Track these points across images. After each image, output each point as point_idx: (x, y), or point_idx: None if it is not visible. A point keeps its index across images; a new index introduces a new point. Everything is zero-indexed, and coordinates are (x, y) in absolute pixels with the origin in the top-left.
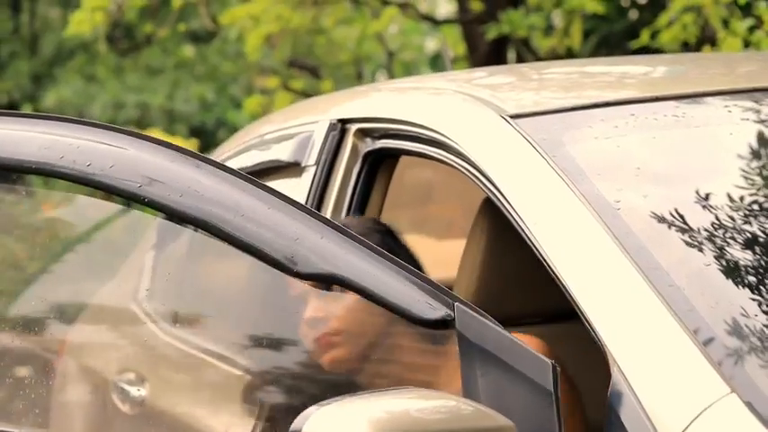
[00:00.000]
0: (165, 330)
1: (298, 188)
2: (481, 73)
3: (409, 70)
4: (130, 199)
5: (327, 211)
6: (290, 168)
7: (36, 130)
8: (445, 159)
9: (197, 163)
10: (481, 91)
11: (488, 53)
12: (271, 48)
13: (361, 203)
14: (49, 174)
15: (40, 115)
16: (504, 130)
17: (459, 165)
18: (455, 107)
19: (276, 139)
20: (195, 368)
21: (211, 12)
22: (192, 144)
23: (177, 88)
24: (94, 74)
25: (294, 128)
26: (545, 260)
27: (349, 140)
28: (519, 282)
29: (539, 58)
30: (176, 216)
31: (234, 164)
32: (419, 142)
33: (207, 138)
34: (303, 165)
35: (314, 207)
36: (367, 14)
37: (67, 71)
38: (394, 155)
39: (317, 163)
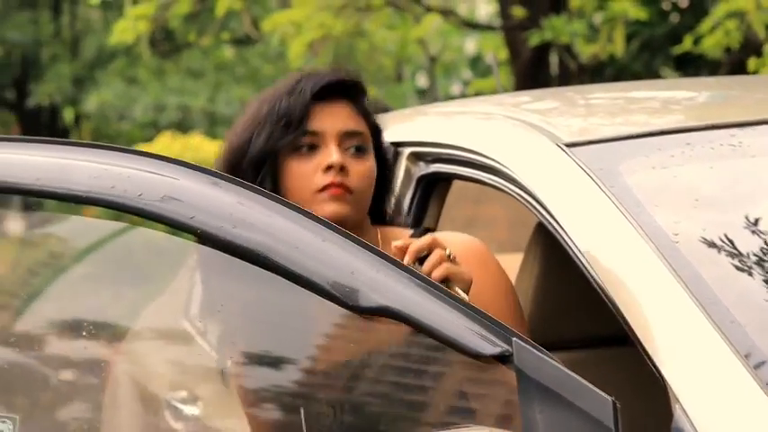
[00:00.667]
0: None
1: None
2: (526, 97)
3: (449, 72)
4: (183, 230)
5: None
6: None
7: (85, 159)
8: (498, 185)
9: (250, 195)
10: (531, 116)
11: (531, 58)
12: (313, 53)
13: (414, 226)
14: (98, 203)
15: (90, 144)
16: (560, 159)
17: (513, 191)
18: (507, 133)
19: None
20: None
21: (253, 15)
22: None
23: (218, 90)
24: (136, 76)
25: None
26: (604, 292)
27: (402, 164)
28: (572, 306)
29: (581, 64)
30: (229, 248)
31: None
32: (471, 167)
33: None
34: None
35: None
36: (409, 20)
37: (109, 74)
38: (446, 179)
39: None
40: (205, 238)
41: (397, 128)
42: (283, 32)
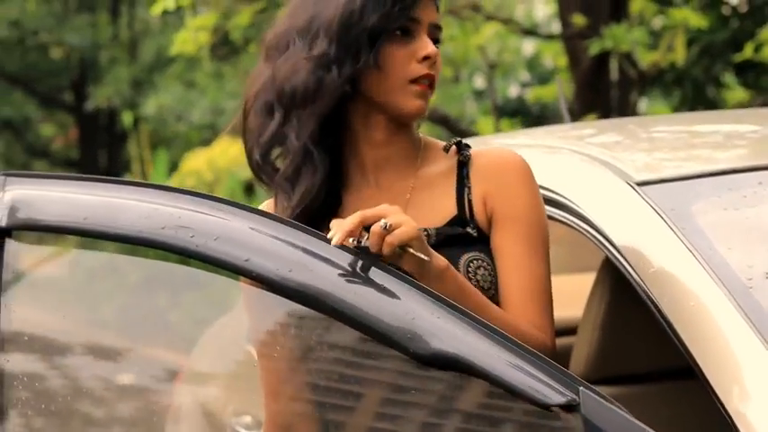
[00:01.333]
0: None
1: None
2: (590, 129)
3: (507, 73)
4: (237, 273)
5: None
6: None
7: (135, 198)
8: (566, 221)
9: (307, 237)
10: (597, 151)
11: (590, 66)
12: None
13: None
14: (148, 244)
15: (139, 183)
16: (631, 198)
17: (581, 227)
18: (575, 169)
19: None
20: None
21: None
22: None
23: None
24: (194, 80)
25: None
26: (672, 331)
27: None
28: (639, 341)
29: (641, 72)
30: (285, 292)
31: None
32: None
33: None
34: None
35: None
36: (469, 28)
37: (167, 77)
38: None
39: None
40: (261, 282)
41: None
42: None
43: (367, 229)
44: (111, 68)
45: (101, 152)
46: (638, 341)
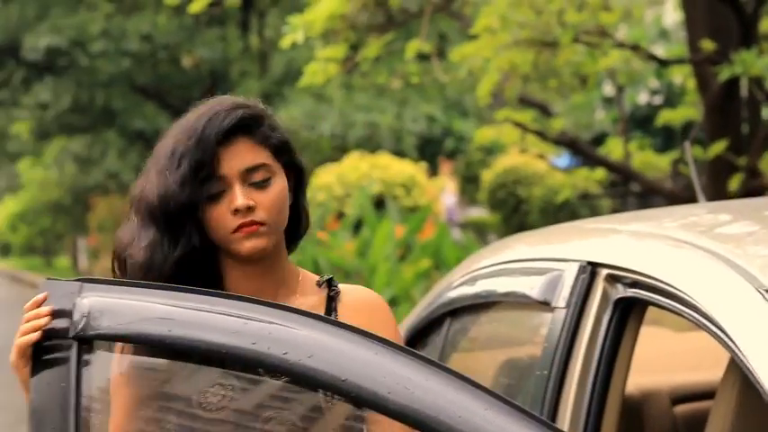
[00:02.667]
0: None
1: (549, 329)
2: (723, 215)
3: (635, 80)
4: (333, 392)
5: (579, 358)
6: (540, 306)
7: (221, 311)
8: (692, 319)
9: (404, 359)
10: (724, 248)
11: (720, 91)
12: (500, 88)
13: (611, 351)
14: (238, 361)
15: (226, 294)
16: (758, 304)
17: (709, 327)
18: (701, 269)
19: (524, 272)
20: None
21: (439, 48)
22: (420, 167)
23: (405, 107)
24: (324, 92)
25: (543, 263)
26: None
27: (599, 285)
28: None
29: None
30: (383, 412)
31: (477, 288)
32: (668, 297)
33: (433, 147)
34: (553, 305)
35: (564, 352)
36: (596, 55)
37: (297, 90)
38: (643, 303)
39: (568, 306)
40: (357, 402)
41: (595, 247)
42: (471, 64)
43: None
44: (241, 81)
45: None
46: None
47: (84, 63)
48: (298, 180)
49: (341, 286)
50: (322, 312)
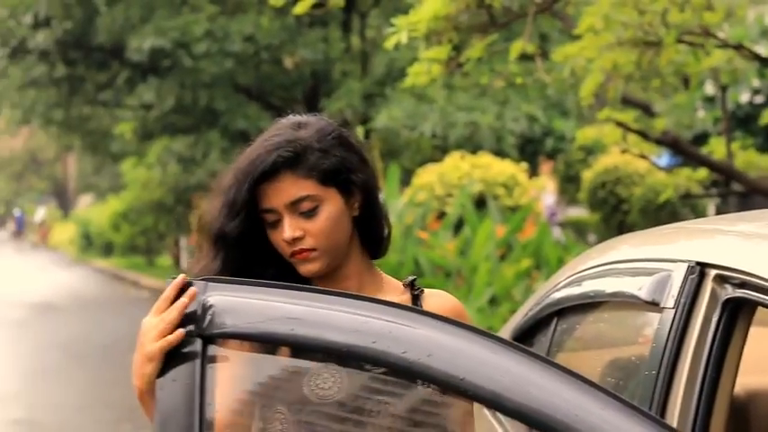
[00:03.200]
0: None
1: (657, 330)
2: None
3: (738, 78)
4: (451, 390)
5: (687, 359)
6: (648, 307)
7: (341, 309)
8: None
9: (521, 358)
10: None
11: None
12: (602, 89)
13: (720, 351)
14: (359, 359)
15: (346, 294)
16: None
17: None
18: None
19: (631, 272)
20: None
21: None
22: (521, 167)
23: (506, 107)
24: (425, 93)
25: (651, 263)
26: None
27: (708, 285)
28: None
29: None
30: (500, 410)
31: (584, 288)
32: None
33: (534, 146)
34: (662, 306)
35: (673, 352)
36: (699, 55)
37: (398, 90)
38: (752, 304)
39: (676, 306)
40: (475, 399)
41: (703, 247)
42: (574, 65)
43: None
44: (342, 82)
45: None
46: None
47: (187, 64)
48: (366, 193)
49: (426, 291)
50: None
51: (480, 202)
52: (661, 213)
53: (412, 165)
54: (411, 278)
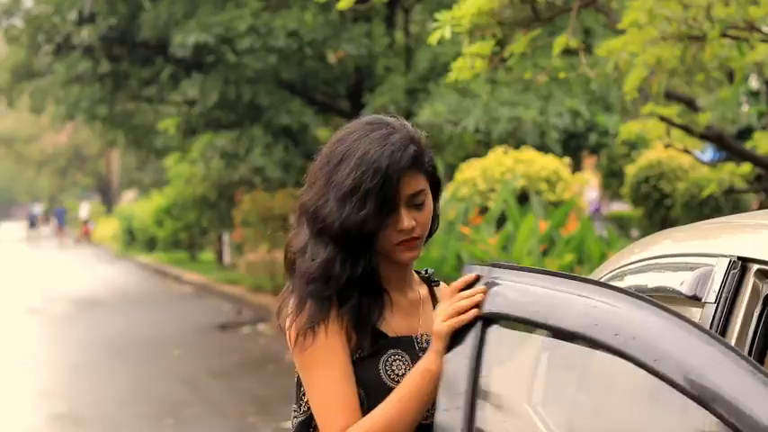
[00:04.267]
0: None
1: None
2: None
3: None
4: (645, 370)
5: None
6: (690, 302)
7: (581, 294)
8: None
9: (721, 349)
10: None
11: None
12: (646, 83)
13: (762, 346)
14: (583, 340)
15: (587, 279)
16: None
17: None
18: None
19: (673, 267)
20: None
21: (586, 44)
22: (564, 162)
23: (549, 102)
24: (468, 88)
25: (693, 258)
26: None
27: (750, 280)
28: None
29: None
30: (691, 396)
31: (626, 283)
32: None
33: (577, 141)
34: (703, 301)
35: None
36: (744, 49)
37: (441, 85)
38: None
39: (717, 301)
40: (668, 383)
41: (746, 242)
42: (618, 59)
43: None
44: (386, 77)
45: None
46: None
47: (231, 60)
48: (435, 189)
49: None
50: (429, 301)
51: (523, 198)
52: (704, 208)
53: (455, 160)
54: (429, 270)
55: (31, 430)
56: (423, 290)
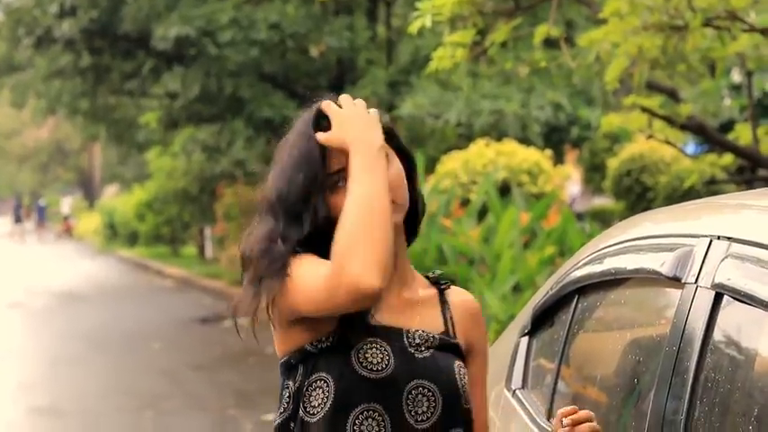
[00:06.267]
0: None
1: (678, 305)
2: None
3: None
4: None
5: None
6: (670, 282)
7: None
8: None
9: None
10: None
11: None
12: (627, 74)
13: None
14: None
15: None
16: None
17: None
18: None
19: (653, 248)
20: None
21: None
22: (546, 155)
23: (531, 95)
24: (450, 81)
25: (673, 239)
26: None
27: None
28: None
29: None
30: None
31: (606, 266)
32: None
33: (559, 134)
34: (683, 281)
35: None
36: (726, 39)
37: (423, 78)
38: None
39: (697, 281)
40: None
41: (722, 220)
42: (599, 49)
43: None
44: (368, 70)
45: None
46: None
47: (212, 52)
48: (408, 166)
49: (452, 288)
50: (436, 305)
51: (504, 190)
52: (685, 200)
53: (437, 153)
54: (437, 272)
55: (11, 423)
56: (427, 292)
